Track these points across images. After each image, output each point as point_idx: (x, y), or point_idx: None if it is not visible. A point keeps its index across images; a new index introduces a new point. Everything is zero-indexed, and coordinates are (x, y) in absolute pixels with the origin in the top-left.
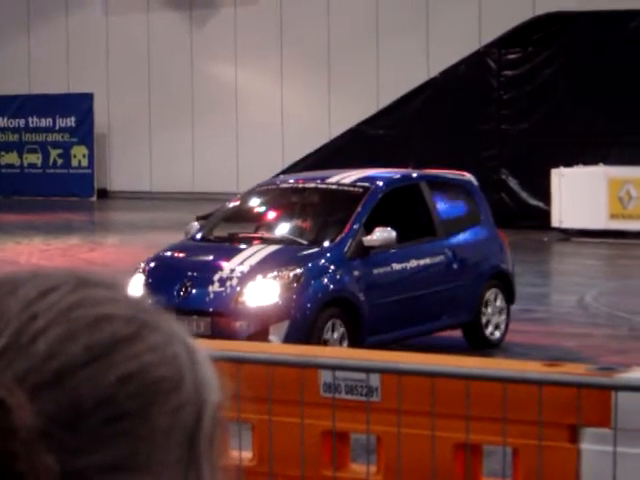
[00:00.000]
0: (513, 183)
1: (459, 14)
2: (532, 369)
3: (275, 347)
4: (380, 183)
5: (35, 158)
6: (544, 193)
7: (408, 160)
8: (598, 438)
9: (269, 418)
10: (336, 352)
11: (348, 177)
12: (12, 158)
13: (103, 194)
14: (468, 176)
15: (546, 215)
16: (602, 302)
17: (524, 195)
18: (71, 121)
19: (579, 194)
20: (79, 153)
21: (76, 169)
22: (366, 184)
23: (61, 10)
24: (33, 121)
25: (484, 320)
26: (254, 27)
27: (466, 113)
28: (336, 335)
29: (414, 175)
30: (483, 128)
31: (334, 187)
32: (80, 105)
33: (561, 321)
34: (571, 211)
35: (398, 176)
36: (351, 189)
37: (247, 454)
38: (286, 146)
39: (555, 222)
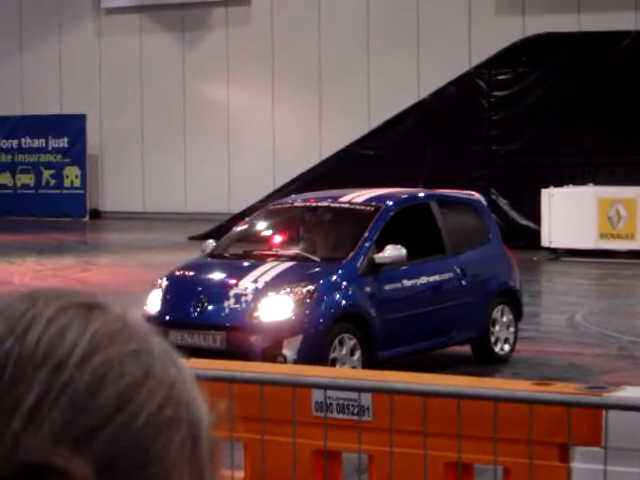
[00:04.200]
0: (503, 203)
1: (449, 35)
2: (522, 388)
3: (267, 367)
4: (391, 202)
5: (28, 179)
6: (534, 213)
7: (397, 181)
8: (588, 457)
9: (261, 437)
10: (328, 371)
11: (359, 196)
12: (5, 179)
13: (95, 214)
14: (477, 196)
15: (536, 235)
16: (592, 321)
17: (514, 215)
18: (64, 142)
19: (569, 214)
20: (72, 174)
21: (69, 190)
22: (377, 203)
23: (54, 31)
24: (26, 142)
25: (492, 336)
26: (246, 48)
27: (456, 134)
28: (344, 350)
29: (424, 194)
30: (473, 148)
31: (346, 206)
32: (73, 126)
33: (551, 340)
34: (561, 231)
35: (408, 195)
36: (363, 208)
37: (239, 473)
38: (277, 166)
39: (545, 242)
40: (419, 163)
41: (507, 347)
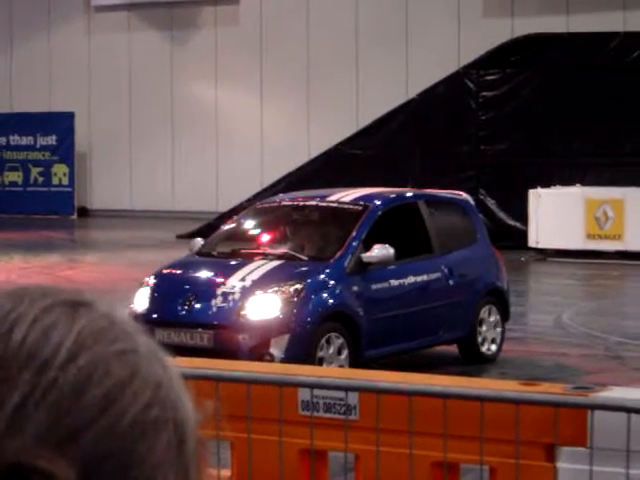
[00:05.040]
0: (490, 203)
1: (438, 35)
2: (509, 388)
3: (254, 365)
4: (379, 202)
5: (16, 176)
6: (521, 213)
7: (386, 180)
8: (574, 457)
9: (248, 436)
10: (315, 370)
11: (347, 196)
12: None
13: (83, 212)
14: (465, 195)
15: (523, 235)
16: (579, 322)
17: (501, 215)
18: (52, 139)
19: (556, 214)
20: (60, 171)
21: (57, 187)
22: (365, 202)
23: (43, 29)
24: (14, 139)
25: (479, 336)
26: (235, 47)
27: (444, 134)
28: (332, 349)
29: (412, 194)
30: (461, 149)
31: (334, 205)
32: (61, 124)
33: (538, 340)
34: (548, 231)
35: (396, 195)
36: (351, 207)
37: (226, 472)
38: (265, 165)
39: (532, 242)
40: (407, 163)
41: (494, 347)
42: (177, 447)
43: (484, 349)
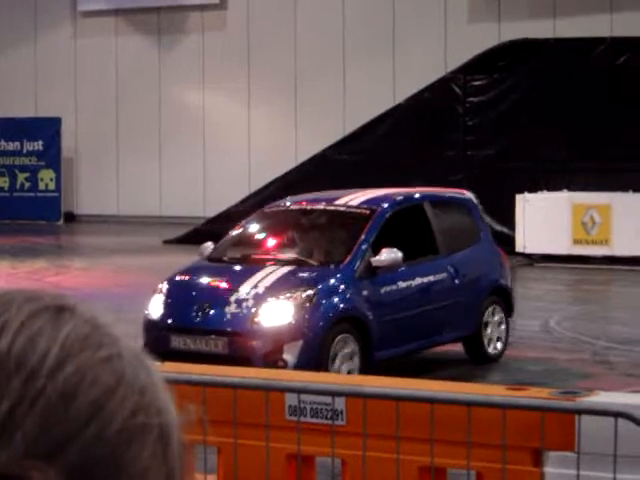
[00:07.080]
0: None
1: (425, 40)
2: (496, 393)
3: (241, 370)
4: (386, 205)
5: (2, 182)
6: (508, 218)
7: (373, 186)
8: (561, 462)
9: (234, 441)
10: (301, 376)
11: (354, 199)
12: None
13: (70, 218)
14: (468, 194)
15: (510, 240)
16: (566, 327)
17: (488, 220)
18: (39, 145)
19: (543, 219)
20: (46, 177)
21: (43, 193)
22: (373, 206)
23: (29, 33)
24: (0, 145)
25: (485, 334)
26: (221, 53)
27: (431, 139)
28: (347, 349)
29: (418, 196)
30: (448, 154)
31: (342, 209)
32: (48, 129)
33: (525, 345)
34: (535, 236)
35: (403, 197)
36: (358, 211)
37: (212, 477)
38: (253, 171)
39: (519, 247)
40: (394, 168)
41: (499, 345)
42: (162, 452)
43: (490, 348)
